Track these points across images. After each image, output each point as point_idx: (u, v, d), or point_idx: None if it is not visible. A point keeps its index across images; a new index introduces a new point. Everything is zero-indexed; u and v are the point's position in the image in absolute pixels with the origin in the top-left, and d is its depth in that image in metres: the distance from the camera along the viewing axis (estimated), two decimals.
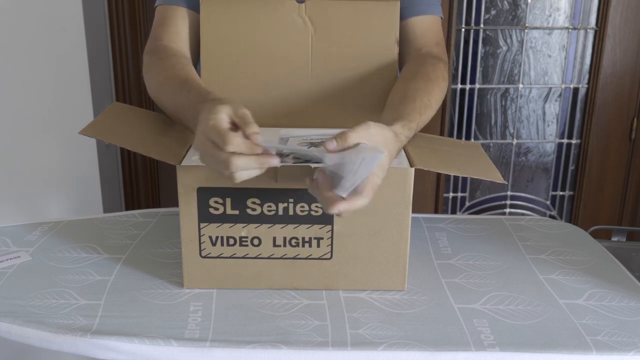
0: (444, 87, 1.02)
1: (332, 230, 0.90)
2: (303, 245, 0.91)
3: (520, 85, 2.04)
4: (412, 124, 0.91)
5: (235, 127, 0.79)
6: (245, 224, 0.90)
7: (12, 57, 1.72)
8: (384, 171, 0.81)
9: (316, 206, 0.89)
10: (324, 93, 1.05)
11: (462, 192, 2.17)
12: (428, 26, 1.09)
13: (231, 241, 0.91)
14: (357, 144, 0.78)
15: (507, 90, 2.05)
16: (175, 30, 1.08)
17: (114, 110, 1.03)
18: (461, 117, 2.08)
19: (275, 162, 0.78)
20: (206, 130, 0.78)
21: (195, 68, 1.14)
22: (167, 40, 1.07)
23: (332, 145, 0.78)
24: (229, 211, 0.89)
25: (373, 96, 1.05)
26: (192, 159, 0.90)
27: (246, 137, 0.77)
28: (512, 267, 1.02)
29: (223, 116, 0.79)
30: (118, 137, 0.95)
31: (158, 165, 1.94)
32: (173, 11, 1.09)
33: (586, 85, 2.04)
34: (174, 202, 0.91)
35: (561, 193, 2.17)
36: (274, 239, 0.91)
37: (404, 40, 1.08)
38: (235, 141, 0.76)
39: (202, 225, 0.90)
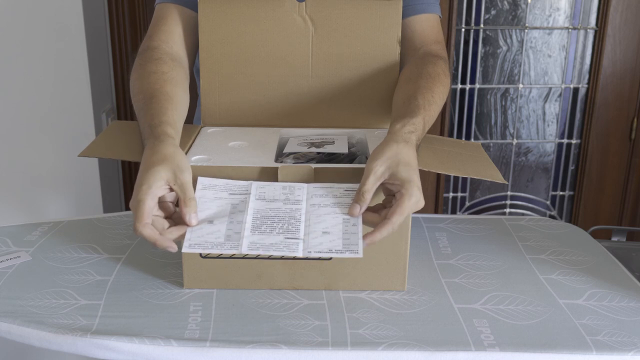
0: (447, 83, 1.02)
1: None
2: None
3: (520, 85, 2.04)
4: (415, 119, 0.90)
5: (171, 189, 0.81)
6: None
7: (12, 58, 1.72)
8: (407, 185, 0.81)
9: None
10: (325, 93, 1.05)
11: (462, 192, 2.17)
12: (427, 25, 1.09)
13: None
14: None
15: (507, 90, 2.05)
16: (168, 30, 1.06)
17: (112, 129, 1.04)
18: (461, 117, 2.08)
19: (172, 249, 0.79)
20: (135, 196, 0.79)
21: (193, 66, 1.13)
22: (159, 40, 1.05)
23: (357, 210, 0.81)
24: None
25: (374, 96, 1.05)
26: (192, 159, 0.90)
27: (182, 209, 0.80)
28: (512, 267, 1.02)
29: (155, 191, 0.79)
30: (118, 152, 0.95)
31: None
32: (168, 9, 1.07)
33: (586, 85, 2.04)
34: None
35: (561, 193, 2.17)
36: None
37: (402, 39, 1.08)
38: (145, 232, 0.78)
39: None
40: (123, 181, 2.02)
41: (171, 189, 0.81)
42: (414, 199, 0.80)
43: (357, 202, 0.82)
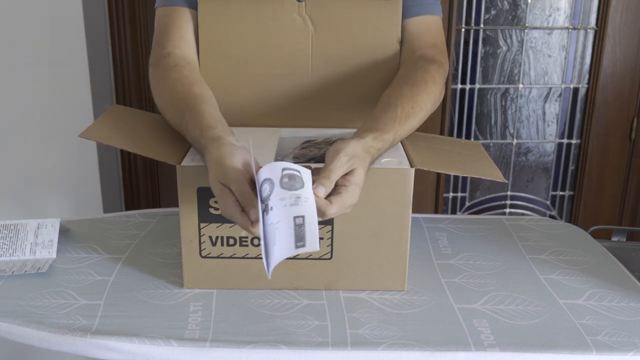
0: (434, 91, 0.99)
1: (332, 230, 0.90)
2: None
3: (520, 85, 2.04)
4: (387, 135, 0.90)
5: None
6: None
7: (12, 58, 1.72)
8: (357, 187, 0.81)
9: None
10: (324, 93, 1.05)
11: (462, 192, 2.17)
12: (424, 27, 1.06)
13: (231, 241, 0.91)
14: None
15: (507, 90, 2.05)
16: (179, 35, 1.04)
17: (113, 113, 1.03)
18: (461, 117, 2.08)
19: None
20: (233, 209, 0.78)
21: None
22: (171, 47, 1.03)
23: (322, 191, 0.79)
24: None
25: (374, 96, 1.05)
26: (192, 159, 0.90)
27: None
28: (512, 267, 1.02)
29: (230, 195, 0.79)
30: (118, 139, 0.95)
31: (158, 166, 1.94)
32: (175, 13, 1.05)
33: (586, 85, 2.04)
34: (174, 202, 0.91)
35: (561, 193, 2.17)
36: None
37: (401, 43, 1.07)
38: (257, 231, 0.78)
39: (202, 225, 0.90)
40: (123, 181, 2.02)
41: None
42: (353, 200, 0.81)
43: (321, 183, 0.79)
